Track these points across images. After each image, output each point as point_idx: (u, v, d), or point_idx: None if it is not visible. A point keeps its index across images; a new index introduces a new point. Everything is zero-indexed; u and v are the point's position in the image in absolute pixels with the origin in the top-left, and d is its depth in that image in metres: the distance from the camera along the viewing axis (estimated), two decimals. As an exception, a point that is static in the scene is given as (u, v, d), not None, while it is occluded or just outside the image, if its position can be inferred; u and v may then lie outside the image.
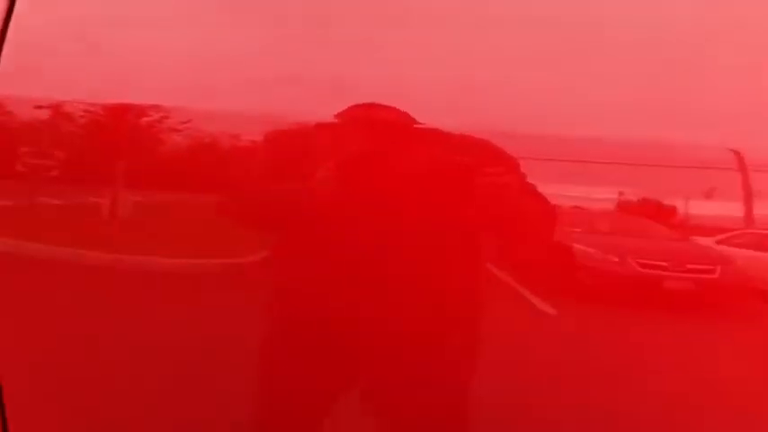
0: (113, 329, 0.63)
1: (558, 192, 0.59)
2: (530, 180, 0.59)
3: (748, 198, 0.61)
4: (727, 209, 0.62)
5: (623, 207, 0.61)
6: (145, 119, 0.61)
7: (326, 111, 0.59)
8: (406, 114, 0.59)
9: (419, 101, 0.59)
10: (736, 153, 0.60)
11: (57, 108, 0.62)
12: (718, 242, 0.63)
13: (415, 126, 0.59)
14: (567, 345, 0.64)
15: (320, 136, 0.62)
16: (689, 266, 0.65)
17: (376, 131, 0.61)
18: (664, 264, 0.65)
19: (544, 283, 0.63)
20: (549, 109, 0.60)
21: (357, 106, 0.59)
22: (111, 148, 0.63)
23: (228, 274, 0.63)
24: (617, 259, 0.66)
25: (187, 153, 0.63)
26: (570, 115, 0.60)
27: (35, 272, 0.63)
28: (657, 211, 0.61)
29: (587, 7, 0.64)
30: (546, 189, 0.59)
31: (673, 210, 0.61)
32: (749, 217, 0.61)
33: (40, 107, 0.62)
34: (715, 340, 0.65)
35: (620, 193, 0.60)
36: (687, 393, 0.64)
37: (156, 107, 0.60)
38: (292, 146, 0.62)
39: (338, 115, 0.60)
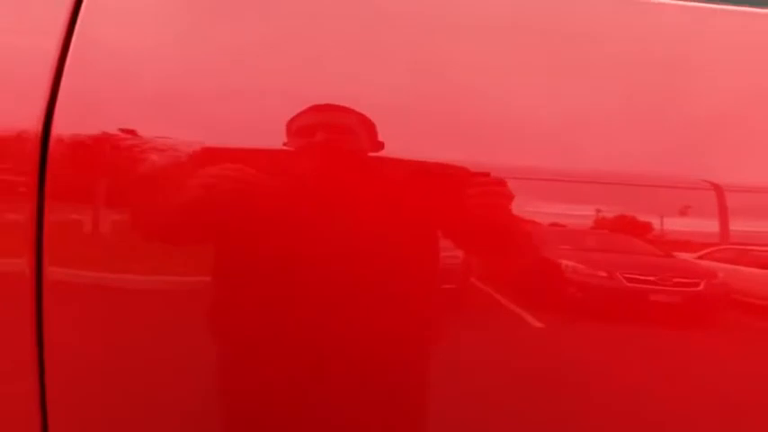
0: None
1: (537, 209, 0.65)
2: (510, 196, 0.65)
3: (723, 215, 0.65)
4: (702, 226, 0.66)
5: (600, 224, 0.66)
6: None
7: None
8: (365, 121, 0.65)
9: (390, 111, 0.65)
10: (710, 172, 0.65)
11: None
12: (700, 257, 0.67)
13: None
14: (556, 359, 0.68)
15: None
16: (675, 280, 0.69)
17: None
18: (650, 278, 0.69)
19: (533, 298, 0.68)
20: (524, 126, 0.66)
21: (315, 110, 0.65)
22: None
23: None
24: (605, 274, 0.70)
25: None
26: (546, 132, 0.66)
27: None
28: (633, 228, 0.66)
29: (566, 19, 0.69)
30: (526, 206, 0.65)
31: (648, 226, 0.65)
32: (725, 233, 0.65)
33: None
34: (700, 351, 0.68)
35: (598, 211, 0.65)
36: (674, 404, 0.68)
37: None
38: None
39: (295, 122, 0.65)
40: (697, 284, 0.68)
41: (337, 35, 0.69)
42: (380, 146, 0.65)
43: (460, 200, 0.66)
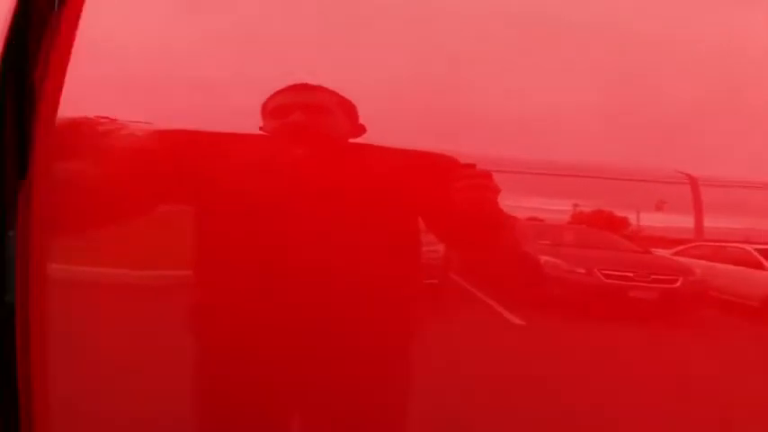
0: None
1: (514, 203, 0.66)
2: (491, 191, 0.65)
3: (699, 211, 0.65)
4: (678, 221, 0.66)
5: (577, 219, 0.66)
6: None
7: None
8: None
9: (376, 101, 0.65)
10: (686, 167, 0.66)
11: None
12: (676, 253, 0.67)
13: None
14: (536, 355, 0.68)
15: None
16: (653, 277, 0.69)
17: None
18: (628, 274, 0.69)
19: (512, 294, 0.68)
20: (502, 119, 0.67)
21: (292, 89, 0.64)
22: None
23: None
24: (584, 270, 0.71)
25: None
26: (524, 126, 0.67)
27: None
28: (610, 223, 0.66)
29: (545, 11, 0.69)
30: (502, 201, 0.65)
31: (624, 221, 0.66)
32: (700, 229, 0.66)
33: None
34: (678, 347, 0.68)
35: (575, 205, 0.66)
36: (654, 399, 0.68)
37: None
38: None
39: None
40: (674, 281, 0.68)
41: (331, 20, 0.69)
42: (362, 130, 0.64)
43: (438, 191, 0.66)
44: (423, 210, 0.67)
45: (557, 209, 0.66)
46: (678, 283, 0.68)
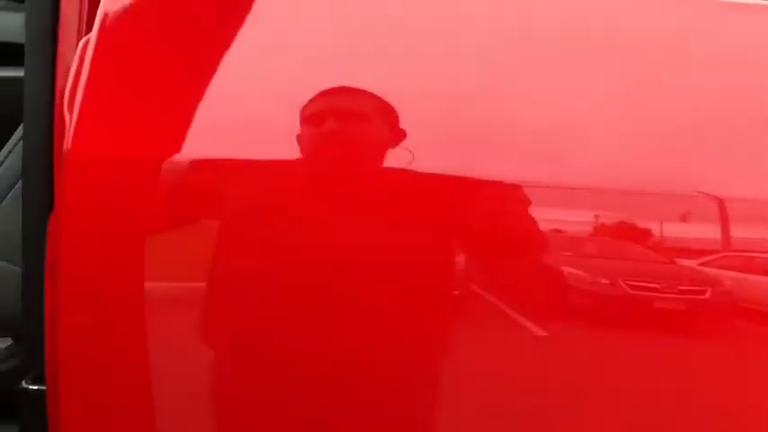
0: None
1: (537, 215, 0.66)
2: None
3: (725, 221, 0.64)
4: (703, 232, 0.65)
5: (600, 230, 0.66)
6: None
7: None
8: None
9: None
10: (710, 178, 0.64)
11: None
12: (703, 264, 0.65)
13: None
14: (559, 367, 0.68)
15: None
16: (680, 288, 0.67)
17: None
18: (655, 285, 0.68)
19: (535, 305, 0.68)
20: (526, 131, 0.67)
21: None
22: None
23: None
24: (607, 281, 0.70)
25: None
26: (548, 138, 0.66)
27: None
28: (633, 234, 0.65)
29: (567, 20, 0.69)
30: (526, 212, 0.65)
31: (647, 232, 0.65)
32: (727, 239, 0.64)
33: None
34: (707, 359, 0.66)
35: (596, 217, 0.65)
36: (682, 413, 0.66)
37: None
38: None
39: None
40: (703, 292, 0.67)
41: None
42: (402, 135, 0.63)
43: (463, 203, 0.67)
44: (448, 222, 0.67)
45: (579, 220, 0.66)
46: (707, 294, 0.66)
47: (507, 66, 0.68)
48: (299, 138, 0.64)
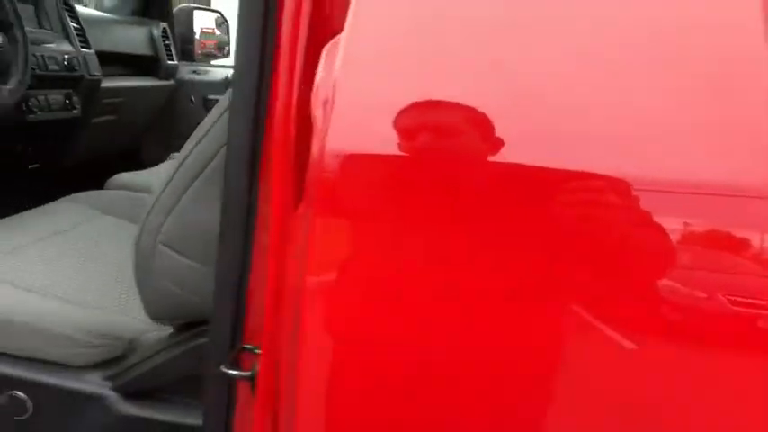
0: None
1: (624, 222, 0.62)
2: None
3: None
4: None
5: (689, 239, 0.61)
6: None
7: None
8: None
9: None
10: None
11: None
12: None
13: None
14: (651, 383, 0.63)
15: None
16: (788, 306, 0.61)
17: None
18: (758, 301, 0.62)
19: (626, 318, 0.64)
20: (614, 135, 0.63)
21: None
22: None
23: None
24: (704, 295, 0.65)
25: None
26: (635, 142, 0.63)
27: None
28: (728, 244, 0.60)
29: (655, 32, 0.65)
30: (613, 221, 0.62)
31: (746, 242, 0.60)
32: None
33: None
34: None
35: (685, 224, 0.61)
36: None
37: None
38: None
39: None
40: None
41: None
42: (499, 144, 0.61)
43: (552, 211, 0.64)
44: (544, 231, 0.64)
45: (669, 227, 0.62)
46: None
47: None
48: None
